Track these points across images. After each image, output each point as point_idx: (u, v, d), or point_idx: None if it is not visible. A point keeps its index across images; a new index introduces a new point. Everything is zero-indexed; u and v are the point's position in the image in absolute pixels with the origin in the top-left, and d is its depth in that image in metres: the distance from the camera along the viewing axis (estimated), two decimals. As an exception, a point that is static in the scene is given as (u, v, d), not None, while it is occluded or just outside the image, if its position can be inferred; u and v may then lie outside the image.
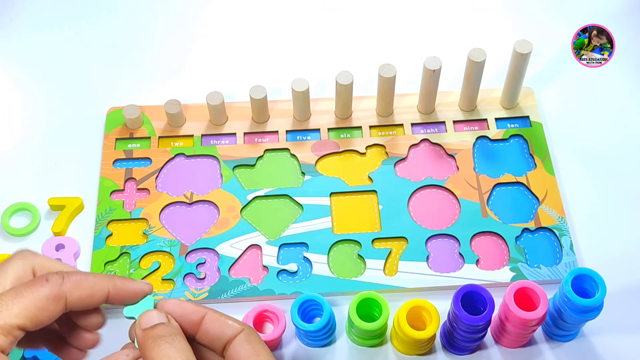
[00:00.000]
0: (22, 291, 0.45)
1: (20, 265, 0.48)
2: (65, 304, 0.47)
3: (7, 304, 0.45)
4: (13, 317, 0.44)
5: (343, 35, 0.82)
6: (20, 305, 0.45)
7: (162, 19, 0.83)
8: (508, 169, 0.71)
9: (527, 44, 0.68)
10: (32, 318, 0.45)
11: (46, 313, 0.46)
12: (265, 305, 0.62)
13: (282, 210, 0.69)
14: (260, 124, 0.74)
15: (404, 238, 0.67)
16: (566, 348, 0.63)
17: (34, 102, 0.77)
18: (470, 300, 0.58)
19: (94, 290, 0.48)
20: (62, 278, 0.46)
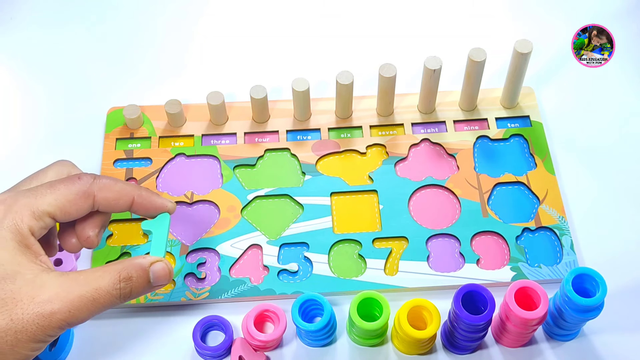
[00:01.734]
0: (57, 184, 0.52)
1: (59, 168, 0.55)
2: (93, 202, 0.53)
3: (42, 193, 0.51)
4: (45, 205, 0.51)
5: (343, 35, 0.82)
6: (53, 196, 0.51)
7: (162, 19, 0.83)
8: (508, 169, 0.71)
9: (527, 44, 0.68)
10: (62, 209, 0.52)
11: (75, 207, 0.52)
12: (266, 305, 0.62)
13: (283, 210, 0.69)
14: (261, 123, 0.74)
15: (405, 238, 0.67)
16: (567, 347, 0.63)
17: (34, 102, 0.77)
18: (470, 299, 0.58)
19: (120, 195, 0.54)
20: (93, 178, 0.53)
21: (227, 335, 0.61)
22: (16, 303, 0.48)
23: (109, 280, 0.51)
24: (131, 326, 0.64)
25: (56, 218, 0.52)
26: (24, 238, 0.50)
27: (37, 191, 0.51)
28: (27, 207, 0.50)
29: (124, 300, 0.52)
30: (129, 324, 0.64)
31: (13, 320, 0.48)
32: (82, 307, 0.50)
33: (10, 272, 0.48)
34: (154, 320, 0.64)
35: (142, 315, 0.64)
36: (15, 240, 0.50)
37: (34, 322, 0.48)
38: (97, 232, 0.56)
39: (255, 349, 0.61)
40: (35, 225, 0.51)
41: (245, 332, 0.61)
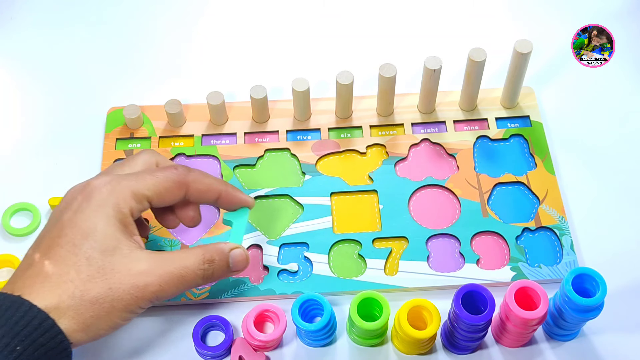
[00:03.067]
0: (156, 172, 0.57)
1: (148, 157, 0.60)
2: (186, 193, 0.58)
3: (143, 178, 0.57)
4: (145, 190, 0.56)
5: (343, 35, 0.82)
6: (152, 182, 0.57)
7: (162, 18, 0.83)
8: (508, 169, 0.71)
9: (527, 44, 0.68)
10: (159, 195, 0.57)
11: (170, 194, 0.58)
12: (266, 305, 0.62)
13: (283, 210, 0.69)
14: (261, 123, 0.74)
15: (405, 238, 0.67)
16: (567, 347, 0.63)
17: (34, 102, 0.77)
18: (470, 299, 0.58)
19: (210, 188, 0.59)
20: (188, 170, 0.59)
21: (227, 335, 0.61)
22: (114, 274, 0.53)
23: (194, 261, 0.56)
24: (131, 326, 0.63)
25: (152, 203, 0.57)
26: (124, 217, 0.55)
27: (138, 176, 0.57)
28: (129, 189, 0.56)
29: (206, 282, 0.57)
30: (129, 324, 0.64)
31: (111, 289, 0.53)
32: (170, 283, 0.55)
33: (111, 246, 0.54)
34: (154, 320, 0.64)
35: (142, 315, 0.64)
36: (116, 218, 0.55)
37: (129, 293, 0.53)
38: (198, 212, 0.62)
39: (255, 349, 0.61)
40: (134, 207, 0.56)
41: (245, 332, 0.61)
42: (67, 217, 0.54)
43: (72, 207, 0.55)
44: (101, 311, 0.53)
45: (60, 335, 0.51)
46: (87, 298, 0.52)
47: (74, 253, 0.53)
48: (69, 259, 0.53)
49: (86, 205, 0.54)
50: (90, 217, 0.54)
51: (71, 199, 0.56)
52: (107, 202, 0.55)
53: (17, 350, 0.49)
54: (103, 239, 0.53)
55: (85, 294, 0.52)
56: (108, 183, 0.56)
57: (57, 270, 0.52)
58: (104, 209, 0.54)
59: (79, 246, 0.53)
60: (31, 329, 0.49)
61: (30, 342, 0.49)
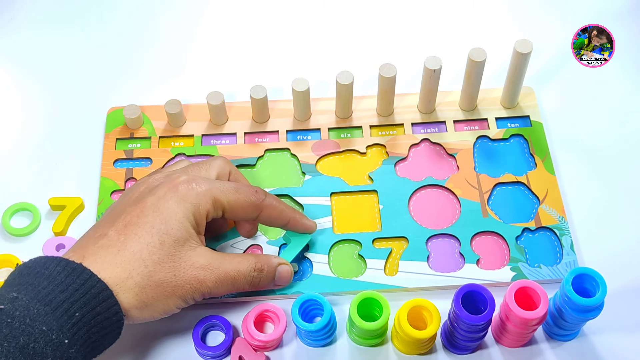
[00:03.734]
0: (240, 189, 0.61)
1: (222, 164, 0.64)
2: (258, 215, 0.62)
3: (227, 190, 0.60)
4: (225, 201, 0.60)
5: (343, 35, 0.82)
6: (234, 198, 0.60)
7: (162, 18, 0.83)
8: (508, 169, 0.71)
9: (528, 44, 0.68)
10: (234, 211, 0.61)
11: (243, 213, 0.62)
12: (266, 305, 0.62)
13: (283, 210, 0.69)
14: (261, 123, 0.74)
15: (405, 238, 0.67)
16: (567, 347, 0.63)
17: (34, 102, 0.77)
18: (470, 299, 0.58)
19: (281, 215, 0.63)
20: (265, 195, 0.62)
21: (227, 335, 0.61)
22: (181, 263, 0.57)
23: (247, 267, 0.60)
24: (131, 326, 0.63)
25: (224, 214, 0.61)
26: (200, 217, 0.59)
27: (223, 187, 0.60)
28: (212, 194, 0.59)
29: (252, 288, 0.61)
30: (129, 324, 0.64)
31: (176, 275, 0.57)
32: (224, 282, 0.59)
33: (183, 237, 0.58)
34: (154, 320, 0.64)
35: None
36: (193, 215, 0.59)
37: (190, 283, 0.58)
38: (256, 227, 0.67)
39: (255, 349, 0.61)
40: (211, 211, 0.60)
41: (245, 332, 0.61)
42: (150, 201, 0.58)
43: (156, 193, 0.58)
44: (162, 294, 0.56)
45: (116, 307, 0.54)
46: (153, 279, 0.56)
47: (151, 234, 0.57)
48: (145, 238, 0.56)
49: (172, 195, 0.58)
50: (172, 207, 0.58)
51: (155, 185, 0.60)
52: (190, 198, 0.58)
53: (76, 316, 0.51)
54: (179, 228, 0.57)
55: (153, 274, 0.56)
56: (195, 182, 0.59)
57: (132, 247, 0.56)
58: (186, 204, 0.58)
59: (157, 229, 0.57)
60: (90, 297, 0.52)
61: (89, 309, 0.52)
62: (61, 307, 0.51)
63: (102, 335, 0.54)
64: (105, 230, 0.57)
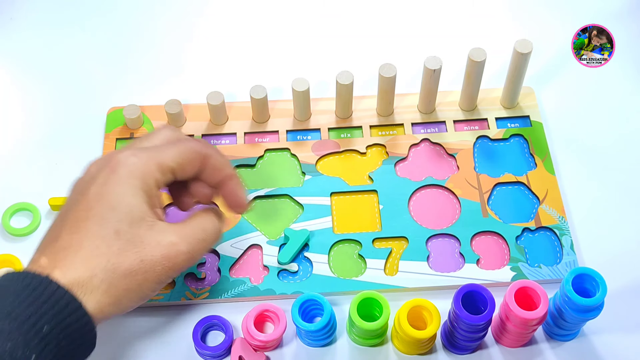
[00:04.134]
0: (178, 144, 0.57)
1: (169, 133, 0.59)
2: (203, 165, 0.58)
3: (166, 150, 0.56)
4: (170, 161, 0.56)
5: (343, 35, 0.82)
6: (176, 152, 0.56)
7: (162, 18, 0.83)
8: (508, 169, 0.71)
9: (528, 44, 0.68)
10: (182, 166, 0.56)
11: (191, 166, 0.57)
12: (266, 305, 0.62)
13: (283, 210, 0.69)
14: (261, 123, 0.74)
15: (405, 238, 0.67)
16: (567, 347, 0.63)
17: (34, 102, 0.77)
18: (470, 299, 0.58)
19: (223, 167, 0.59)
20: (207, 143, 0.59)
21: (227, 335, 0.61)
22: (144, 246, 0.53)
23: (210, 220, 0.57)
24: (131, 326, 0.64)
25: (175, 174, 0.57)
26: (150, 189, 0.55)
27: (161, 148, 0.56)
28: (154, 161, 0.55)
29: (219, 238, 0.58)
30: (129, 324, 0.64)
31: (143, 261, 0.53)
32: (197, 248, 0.56)
33: (137, 218, 0.53)
34: (154, 320, 0.64)
35: (142, 315, 0.64)
36: (143, 190, 0.54)
37: (161, 264, 0.54)
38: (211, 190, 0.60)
39: (255, 349, 0.61)
40: (160, 179, 0.55)
41: (245, 332, 0.61)
42: (93, 191, 0.54)
43: (97, 180, 0.54)
44: (133, 283, 0.53)
45: (86, 317, 0.51)
46: (119, 271, 0.52)
47: (103, 226, 0.53)
48: (98, 232, 0.52)
49: (113, 178, 0.54)
50: (117, 190, 0.54)
51: (95, 172, 0.55)
52: (133, 175, 0.54)
53: (44, 330, 0.49)
54: (130, 211, 0.53)
55: (117, 266, 0.52)
56: (133, 155, 0.55)
57: (88, 243, 0.52)
58: (130, 181, 0.54)
59: (108, 219, 0.53)
60: (58, 309, 0.49)
61: (57, 322, 0.49)
62: (27, 322, 0.48)
63: (74, 348, 0.51)
64: (58, 232, 0.54)
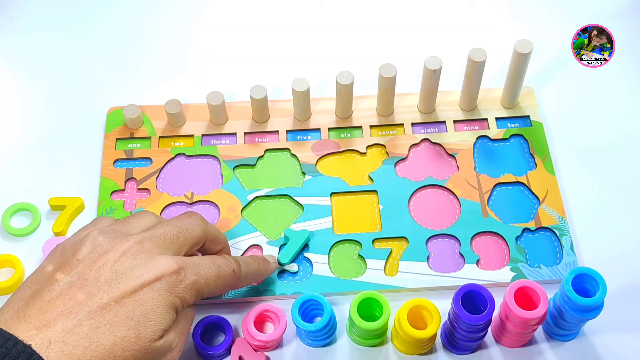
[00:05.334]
0: (221, 274, 0.56)
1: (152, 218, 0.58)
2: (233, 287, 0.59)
3: (209, 279, 0.55)
4: (206, 292, 0.56)
5: (343, 35, 0.82)
6: (215, 284, 0.56)
7: (162, 18, 0.83)
8: (508, 169, 0.71)
9: (528, 44, 0.68)
10: (212, 294, 0.56)
11: (219, 292, 0.57)
12: (266, 305, 0.62)
13: (283, 210, 0.69)
14: (261, 123, 0.74)
15: (405, 238, 0.67)
16: (567, 347, 0.63)
17: (34, 102, 0.77)
18: (470, 299, 0.58)
19: (255, 278, 0.61)
20: (240, 269, 0.59)
21: (227, 335, 0.61)
22: (153, 357, 0.52)
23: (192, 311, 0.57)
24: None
25: (203, 297, 0.56)
26: (181, 308, 0.54)
27: (207, 273, 0.55)
28: (196, 288, 0.54)
29: None
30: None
31: None
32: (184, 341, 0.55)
33: (161, 331, 0.52)
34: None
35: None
36: (176, 308, 0.53)
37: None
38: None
39: (255, 349, 0.61)
40: (190, 299, 0.55)
41: (245, 332, 0.61)
42: (132, 286, 0.51)
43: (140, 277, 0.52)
44: None
45: None
46: None
47: (127, 327, 0.50)
48: (120, 331, 0.50)
49: (157, 286, 0.52)
50: (157, 300, 0.52)
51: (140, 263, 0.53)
52: (176, 293, 0.53)
53: None
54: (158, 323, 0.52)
55: None
56: (183, 272, 0.54)
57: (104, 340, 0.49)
58: (171, 297, 0.53)
59: (135, 322, 0.50)
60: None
61: None
62: None
63: None
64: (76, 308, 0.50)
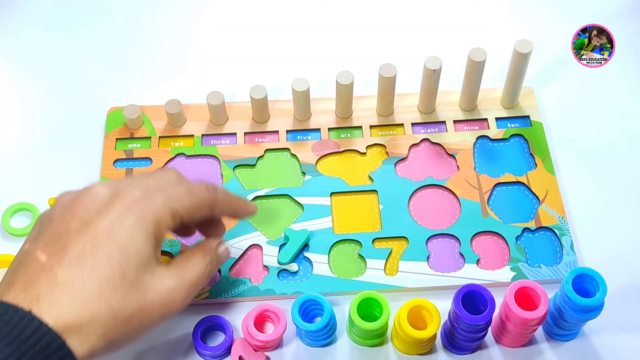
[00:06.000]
0: (192, 191, 0.56)
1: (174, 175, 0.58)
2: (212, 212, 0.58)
3: (180, 196, 0.55)
4: (182, 209, 0.55)
5: (343, 35, 0.82)
6: (188, 202, 0.55)
7: (162, 18, 0.83)
8: (508, 169, 0.71)
9: (528, 44, 0.68)
10: (191, 215, 0.56)
11: (199, 215, 0.57)
12: (266, 305, 0.62)
13: (283, 210, 0.69)
14: (261, 123, 0.74)
15: (405, 238, 0.67)
16: (567, 347, 0.63)
17: (34, 102, 0.77)
18: (470, 299, 0.58)
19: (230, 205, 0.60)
20: (215, 190, 0.58)
21: (227, 335, 0.62)
22: (146, 292, 0.52)
23: (201, 264, 0.57)
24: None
25: (183, 222, 0.56)
26: (160, 234, 0.54)
27: (178, 194, 0.55)
28: (169, 207, 0.54)
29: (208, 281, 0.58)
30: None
31: (143, 308, 0.51)
32: (189, 294, 0.55)
33: (144, 263, 0.52)
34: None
35: (142, 316, 0.64)
36: (154, 235, 0.53)
37: (158, 311, 0.53)
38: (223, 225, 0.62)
39: (255, 349, 0.61)
40: (170, 224, 0.54)
41: (245, 332, 0.61)
42: (104, 226, 0.51)
43: (109, 215, 0.52)
44: (129, 329, 0.51)
45: (69, 356, 0.48)
46: (120, 317, 0.50)
47: (110, 267, 0.50)
48: (104, 272, 0.50)
49: (127, 217, 0.52)
50: (130, 231, 0.51)
51: (104, 203, 0.53)
52: (148, 218, 0.52)
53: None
54: (139, 254, 0.51)
55: (118, 313, 0.50)
56: (149, 196, 0.53)
57: (91, 284, 0.49)
58: (144, 224, 0.52)
59: (116, 260, 0.50)
60: (39, 348, 0.47)
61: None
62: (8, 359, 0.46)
63: None
64: (56, 260, 0.50)
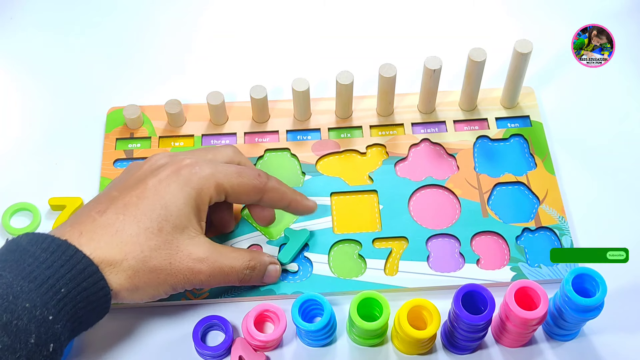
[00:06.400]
0: (243, 172, 0.60)
1: (232, 152, 0.63)
2: (261, 198, 0.62)
3: (230, 173, 0.60)
4: (228, 185, 0.59)
5: (343, 36, 0.82)
6: (237, 181, 0.60)
7: (162, 19, 0.83)
8: (508, 169, 0.71)
9: (528, 44, 0.68)
10: (237, 195, 0.60)
11: (245, 197, 0.61)
12: (266, 305, 0.62)
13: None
14: (261, 123, 0.74)
15: (405, 238, 0.67)
16: (567, 347, 0.63)
17: (34, 102, 0.77)
18: (470, 299, 0.58)
19: (283, 197, 0.62)
20: (268, 178, 0.62)
21: (227, 335, 0.61)
22: (177, 252, 0.57)
23: (241, 264, 0.60)
24: (131, 326, 0.64)
25: (228, 198, 0.60)
26: (202, 203, 0.58)
27: (227, 171, 0.60)
28: (214, 179, 0.59)
29: (241, 284, 0.62)
30: (130, 324, 0.64)
31: (171, 264, 0.57)
32: (217, 277, 0.59)
33: (182, 225, 0.57)
34: (154, 320, 0.64)
35: (143, 315, 0.64)
36: (196, 201, 0.58)
37: (183, 273, 0.57)
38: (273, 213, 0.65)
39: (255, 349, 0.61)
40: (214, 197, 0.59)
41: (245, 332, 0.61)
42: (152, 183, 0.57)
43: (159, 175, 0.58)
44: (154, 280, 0.56)
45: (102, 282, 0.54)
46: (148, 265, 0.56)
47: (150, 218, 0.56)
48: (144, 222, 0.56)
49: (174, 179, 0.58)
50: (174, 192, 0.57)
51: (159, 167, 0.59)
52: (192, 184, 0.58)
53: (62, 292, 0.52)
54: (178, 215, 0.57)
55: (148, 260, 0.56)
56: (198, 165, 0.59)
57: (130, 229, 0.55)
58: (188, 188, 0.58)
59: (157, 214, 0.56)
60: (76, 272, 0.52)
61: (75, 285, 0.52)
62: (46, 283, 0.51)
63: (89, 311, 0.54)
64: (104, 208, 0.57)
